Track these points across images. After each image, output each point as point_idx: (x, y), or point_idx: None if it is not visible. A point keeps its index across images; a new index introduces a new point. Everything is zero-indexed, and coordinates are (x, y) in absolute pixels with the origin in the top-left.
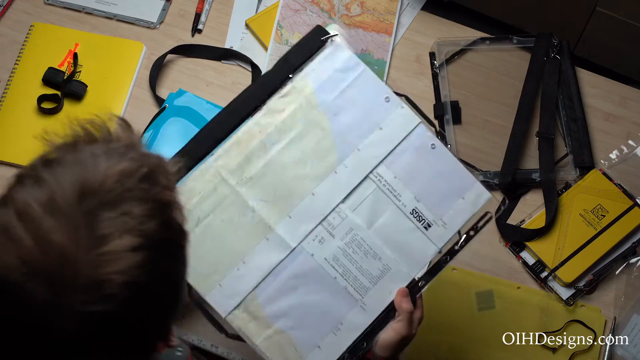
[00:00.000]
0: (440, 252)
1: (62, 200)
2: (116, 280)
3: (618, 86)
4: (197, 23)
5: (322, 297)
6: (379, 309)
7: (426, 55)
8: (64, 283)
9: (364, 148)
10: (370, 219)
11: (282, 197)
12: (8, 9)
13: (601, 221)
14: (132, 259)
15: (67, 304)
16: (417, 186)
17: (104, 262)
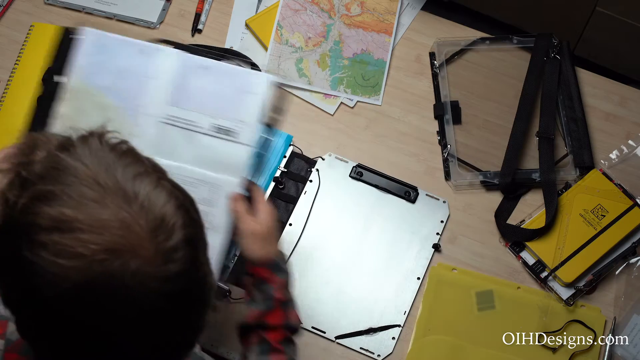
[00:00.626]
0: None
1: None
2: (180, 246)
3: (618, 86)
4: (197, 23)
5: None
6: (227, 225)
7: (426, 55)
8: (149, 252)
9: (145, 104)
10: (185, 154)
11: None
12: (8, 9)
13: (601, 221)
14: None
15: (150, 269)
16: (208, 106)
17: (170, 232)
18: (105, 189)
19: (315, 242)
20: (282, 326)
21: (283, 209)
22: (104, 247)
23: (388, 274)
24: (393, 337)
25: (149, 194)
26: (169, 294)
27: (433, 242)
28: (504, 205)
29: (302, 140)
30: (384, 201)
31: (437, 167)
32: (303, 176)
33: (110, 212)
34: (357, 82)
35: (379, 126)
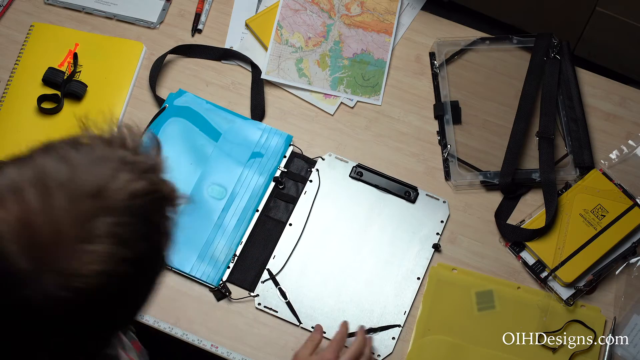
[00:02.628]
0: None
1: (79, 188)
2: (91, 278)
3: (618, 86)
4: (197, 23)
5: None
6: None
7: (426, 55)
8: (48, 259)
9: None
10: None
11: None
12: (8, 9)
13: (601, 221)
14: (114, 266)
15: (42, 278)
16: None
17: (88, 258)
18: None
19: (315, 242)
20: None
21: (283, 209)
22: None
23: (388, 274)
24: (393, 337)
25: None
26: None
27: (433, 242)
28: (504, 205)
29: (302, 140)
30: (384, 201)
31: (437, 167)
32: (303, 176)
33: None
34: (357, 82)
35: (379, 126)
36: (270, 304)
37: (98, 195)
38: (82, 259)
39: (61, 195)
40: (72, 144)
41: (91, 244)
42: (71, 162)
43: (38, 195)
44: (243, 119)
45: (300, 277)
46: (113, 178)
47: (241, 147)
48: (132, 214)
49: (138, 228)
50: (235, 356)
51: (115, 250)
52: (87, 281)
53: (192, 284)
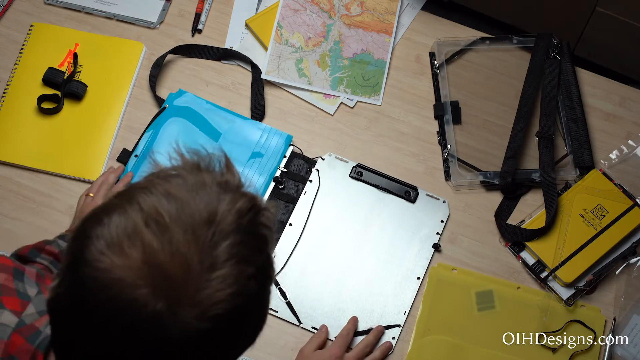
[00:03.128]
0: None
1: (191, 218)
2: (226, 302)
3: (618, 86)
4: (197, 23)
5: None
6: None
7: (426, 55)
8: (182, 295)
9: None
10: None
11: None
12: (8, 9)
13: (601, 221)
14: (243, 285)
15: (179, 315)
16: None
17: (220, 284)
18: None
19: (315, 242)
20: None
21: (283, 209)
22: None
23: (388, 274)
24: (393, 337)
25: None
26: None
27: (433, 242)
28: (504, 205)
29: (302, 140)
30: (384, 201)
31: (437, 167)
32: (303, 176)
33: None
34: (357, 82)
35: (379, 126)
36: (270, 304)
37: (211, 221)
38: (214, 286)
39: (178, 229)
40: (164, 178)
41: (219, 270)
42: (174, 195)
43: (155, 234)
44: (243, 119)
45: (300, 277)
46: (218, 201)
47: (241, 147)
48: (244, 231)
49: (253, 243)
50: None
51: (240, 269)
52: (223, 307)
53: None
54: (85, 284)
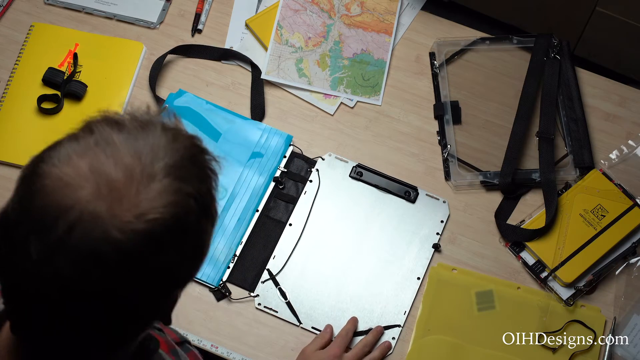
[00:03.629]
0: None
1: (139, 144)
2: (164, 209)
3: (618, 86)
4: (197, 23)
5: None
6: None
7: (426, 55)
8: (121, 197)
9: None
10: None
11: None
12: (8, 9)
13: (601, 221)
14: (181, 198)
15: (119, 215)
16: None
17: (158, 191)
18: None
19: (315, 242)
20: None
21: (283, 209)
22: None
23: (388, 274)
24: (393, 337)
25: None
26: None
27: (433, 242)
28: (504, 205)
29: (302, 140)
30: (384, 201)
31: (437, 167)
32: (303, 176)
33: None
34: (357, 82)
35: (379, 126)
36: (270, 304)
37: (155, 146)
38: (153, 193)
39: (124, 149)
40: (117, 114)
41: (158, 181)
42: (126, 127)
43: (104, 150)
44: (243, 119)
45: (300, 277)
46: (163, 135)
47: (241, 147)
48: (186, 158)
49: (193, 171)
50: (235, 356)
51: (180, 185)
52: (161, 212)
53: (192, 284)
54: (35, 193)
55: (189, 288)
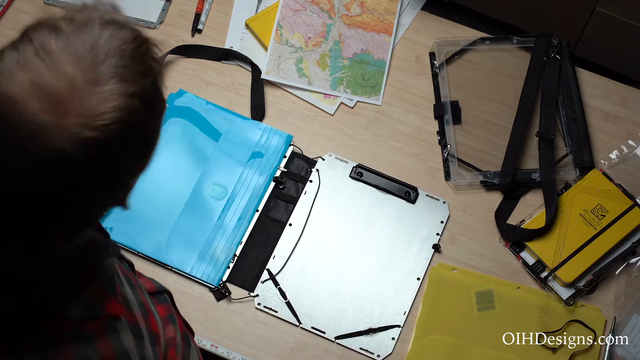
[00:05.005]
0: None
1: (78, 47)
2: (110, 114)
3: (618, 86)
4: (197, 23)
5: None
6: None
7: (426, 55)
8: (68, 107)
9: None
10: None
11: None
12: (8, 9)
13: (601, 221)
14: (126, 100)
15: (66, 125)
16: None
17: (102, 96)
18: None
19: (315, 242)
20: None
21: (283, 209)
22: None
23: (388, 274)
24: (393, 337)
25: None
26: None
27: (433, 243)
28: (504, 205)
29: (302, 140)
30: (384, 201)
31: (437, 167)
32: (303, 176)
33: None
34: (357, 82)
35: (379, 126)
36: (270, 304)
37: (95, 47)
38: (98, 99)
39: (64, 56)
40: (53, 17)
41: (102, 86)
42: (61, 29)
43: (43, 60)
44: (243, 119)
45: (300, 277)
46: (103, 31)
47: (241, 147)
48: (127, 57)
49: (136, 68)
50: (235, 356)
51: (124, 87)
52: (107, 117)
53: (192, 284)
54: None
55: (190, 288)
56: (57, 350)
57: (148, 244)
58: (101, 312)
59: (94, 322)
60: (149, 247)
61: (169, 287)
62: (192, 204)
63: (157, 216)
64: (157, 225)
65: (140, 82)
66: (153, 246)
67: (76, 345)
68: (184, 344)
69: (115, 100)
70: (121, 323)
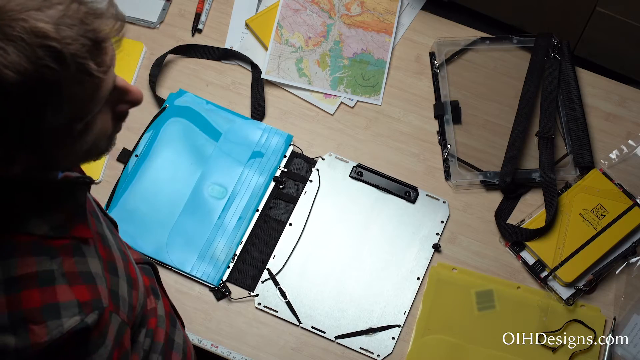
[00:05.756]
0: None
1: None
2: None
3: (618, 86)
4: (197, 23)
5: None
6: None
7: (426, 55)
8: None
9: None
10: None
11: None
12: None
13: (601, 221)
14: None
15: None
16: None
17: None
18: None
19: (315, 242)
20: None
21: (283, 209)
22: None
23: (388, 274)
24: (393, 337)
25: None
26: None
27: (433, 242)
28: (504, 205)
29: (302, 140)
30: (384, 201)
31: (437, 167)
32: (303, 176)
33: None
34: (357, 82)
35: (379, 126)
36: (270, 303)
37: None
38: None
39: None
40: None
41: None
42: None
43: None
44: (243, 119)
45: (300, 277)
46: (28, 9)
47: (241, 147)
48: (18, 46)
49: (14, 59)
50: (235, 356)
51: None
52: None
53: (192, 283)
54: None
55: (190, 288)
56: (18, 261)
57: (148, 244)
58: (66, 233)
59: (59, 240)
60: (149, 247)
61: (169, 287)
62: (192, 204)
63: (157, 216)
64: (157, 225)
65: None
66: (153, 246)
67: (38, 257)
68: (169, 322)
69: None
70: (89, 248)
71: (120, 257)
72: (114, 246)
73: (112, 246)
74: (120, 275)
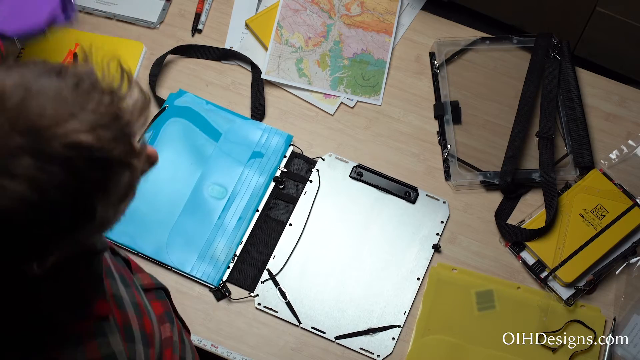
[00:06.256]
0: None
1: (21, 118)
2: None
3: (618, 86)
4: (197, 23)
5: None
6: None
7: (426, 55)
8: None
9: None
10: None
11: None
12: None
13: (601, 221)
14: (16, 205)
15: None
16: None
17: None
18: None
19: (315, 242)
20: None
21: (283, 209)
22: None
23: (388, 274)
24: (393, 337)
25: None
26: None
27: (433, 243)
28: (504, 205)
29: (302, 140)
30: (384, 201)
31: (437, 167)
32: (303, 176)
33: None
34: (357, 82)
35: (379, 126)
36: (270, 304)
37: (35, 133)
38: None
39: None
40: (56, 72)
41: (5, 180)
42: (31, 90)
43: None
44: (243, 119)
45: (300, 277)
46: (62, 121)
47: (241, 147)
48: (61, 163)
49: (60, 178)
50: (235, 356)
51: (26, 194)
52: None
53: (192, 283)
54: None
55: (190, 288)
56: (44, 356)
57: (148, 244)
58: (88, 314)
59: (81, 323)
60: (149, 247)
61: (169, 287)
62: (192, 204)
63: (157, 216)
64: (157, 225)
65: (50, 195)
66: (153, 246)
67: (63, 350)
68: (181, 343)
69: (6, 200)
70: (109, 324)
71: (134, 314)
72: (128, 304)
73: (126, 305)
74: (137, 339)
